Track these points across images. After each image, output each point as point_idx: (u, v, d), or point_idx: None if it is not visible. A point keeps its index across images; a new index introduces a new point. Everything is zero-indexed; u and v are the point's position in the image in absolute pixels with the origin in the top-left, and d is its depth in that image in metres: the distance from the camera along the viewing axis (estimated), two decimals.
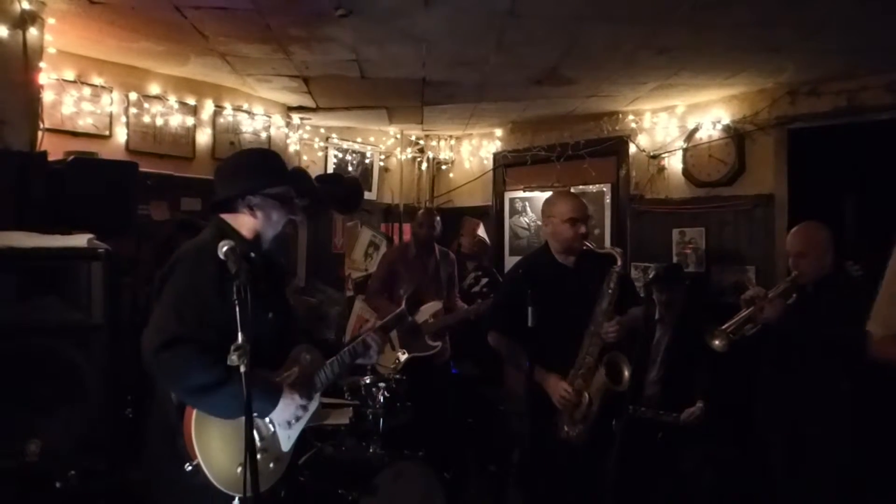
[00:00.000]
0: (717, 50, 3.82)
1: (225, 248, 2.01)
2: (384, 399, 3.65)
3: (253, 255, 2.25)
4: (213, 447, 2.06)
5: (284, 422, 2.20)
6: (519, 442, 4.49)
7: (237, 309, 1.91)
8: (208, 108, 4.77)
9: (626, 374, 3.03)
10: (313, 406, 2.27)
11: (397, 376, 3.75)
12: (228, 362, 1.89)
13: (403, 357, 3.66)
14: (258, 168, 2.32)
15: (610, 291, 3.05)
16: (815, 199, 4.37)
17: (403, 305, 2.92)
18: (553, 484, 3.12)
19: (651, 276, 4.64)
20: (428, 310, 4.75)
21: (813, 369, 3.20)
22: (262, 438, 2.16)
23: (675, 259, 5.08)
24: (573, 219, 3.12)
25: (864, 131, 4.34)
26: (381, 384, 3.65)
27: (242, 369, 1.89)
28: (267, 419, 2.18)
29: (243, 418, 1.89)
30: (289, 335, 2.36)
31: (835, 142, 4.43)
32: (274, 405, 2.15)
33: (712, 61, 4.03)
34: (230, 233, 2.23)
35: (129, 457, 2.65)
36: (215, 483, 2.04)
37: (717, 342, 3.20)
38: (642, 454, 3.77)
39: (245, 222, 2.28)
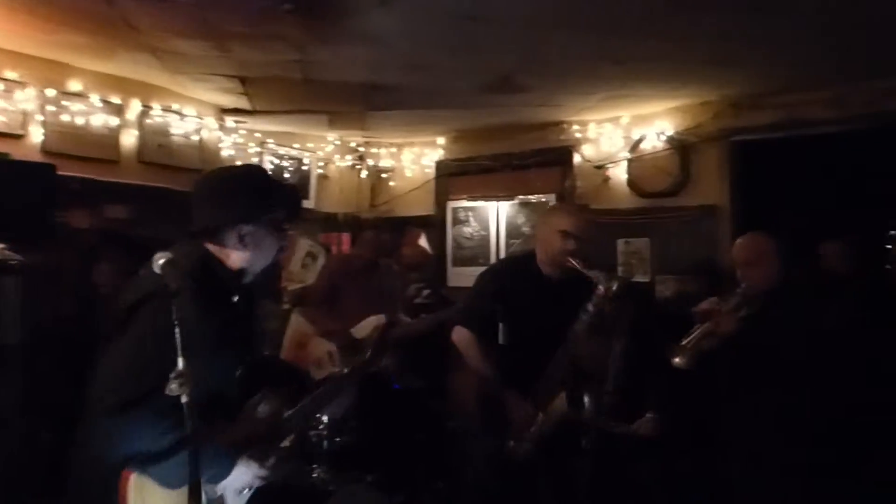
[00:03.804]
0: (670, 61, 3.81)
1: (162, 262, 1.68)
2: (328, 419, 3.44)
3: (235, 297, 1.97)
4: None
5: (236, 488, 1.93)
6: (472, 459, 4.35)
7: (177, 330, 1.67)
8: (135, 107, 4.45)
9: (587, 403, 2.92)
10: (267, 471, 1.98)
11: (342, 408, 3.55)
12: (167, 391, 1.63)
13: (340, 371, 3.45)
14: (252, 192, 1.97)
15: (589, 314, 2.92)
16: (758, 211, 4.42)
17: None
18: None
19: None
20: (370, 324, 4.57)
21: (768, 382, 3.19)
22: (208, 502, 1.88)
23: (619, 269, 5.06)
24: (565, 232, 2.98)
25: (805, 145, 4.42)
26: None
27: (184, 399, 1.64)
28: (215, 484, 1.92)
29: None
30: (251, 383, 2.09)
31: (777, 154, 4.50)
32: (227, 473, 1.88)
33: (664, 73, 4.04)
34: (216, 267, 1.93)
35: (52, 488, 2.35)
36: None
37: (678, 360, 3.14)
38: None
39: (232, 255, 1.95)
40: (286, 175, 5.84)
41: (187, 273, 1.71)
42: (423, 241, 5.63)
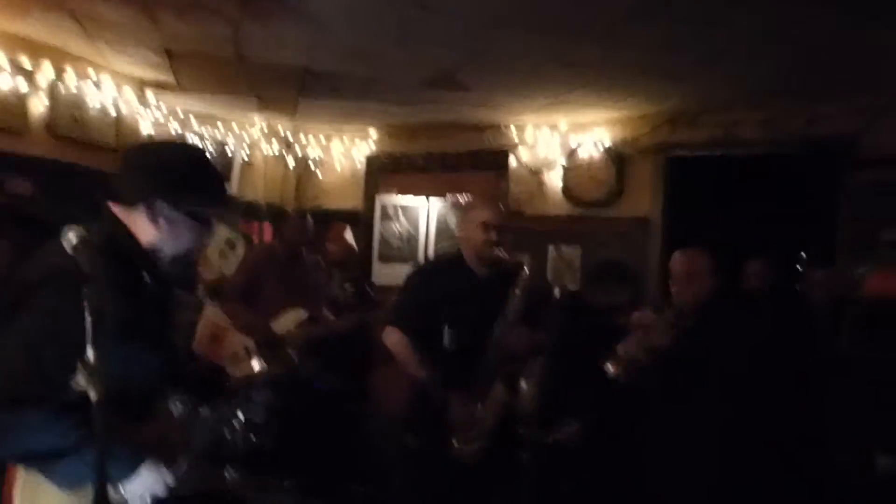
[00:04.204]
0: (615, 68, 3.80)
1: (75, 242, 1.47)
2: (245, 419, 3.23)
3: (146, 274, 1.78)
4: None
5: (139, 493, 1.72)
6: (401, 461, 4.23)
7: (88, 318, 1.46)
8: (47, 73, 4.08)
9: (524, 388, 2.88)
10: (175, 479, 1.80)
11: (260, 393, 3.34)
12: (73, 385, 1.43)
13: (258, 368, 3.25)
14: (187, 176, 1.79)
15: (516, 299, 2.90)
16: (688, 226, 4.48)
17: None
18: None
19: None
20: (290, 319, 4.37)
21: (695, 395, 3.21)
22: None
23: (549, 275, 5.05)
24: (486, 224, 2.97)
25: (738, 163, 4.52)
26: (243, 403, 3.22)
27: (92, 395, 1.44)
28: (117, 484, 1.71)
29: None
30: (165, 378, 1.90)
31: (709, 171, 4.59)
32: (131, 472, 1.68)
33: (608, 80, 4.02)
34: (124, 238, 1.74)
35: None
36: None
37: (612, 369, 3.13)
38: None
39: (141, 225, 1.76)
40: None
41: (99, 248, 1.50)
42: (348, 236, 5.46)
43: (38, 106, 4.07)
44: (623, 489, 3.52)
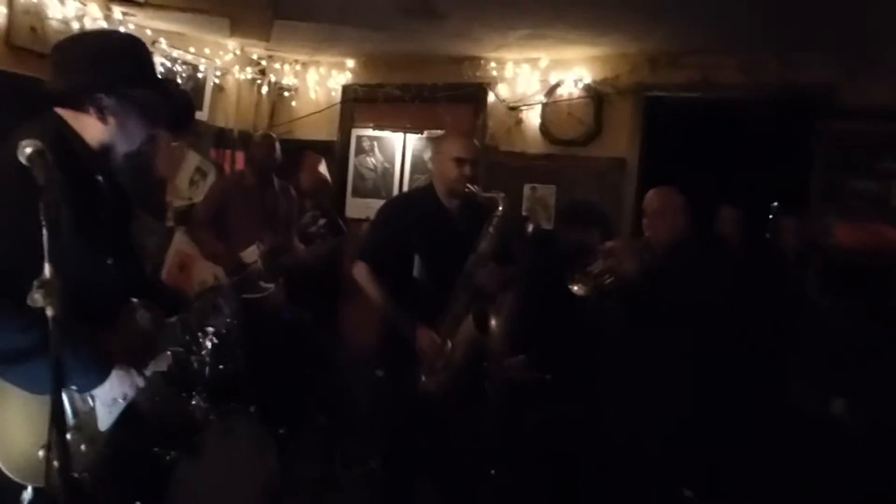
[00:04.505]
0: (598, 4, 3.69)
1: (29, 150, 1.42)
2: (212, 345, 3.21)
3: (99, 177, 1.75)
4: (10, 424, 1.60)
5: (110, 399, 1.74)
6: (367, 393, 4.27)
7: (46, 231, 1.42)
8: None
9: (493, 323, 2.88)
10: (145, 381, 1.81)
11: (228, 320, 3.31)
12: (30, 301, 1.40)
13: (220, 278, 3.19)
14: (120, 59, 1.74)
15: (489, 235, 2.89)
16: (665, 168, 4.47)
17: (257, 254, 2.49)
18: (410, 439, 2.95)
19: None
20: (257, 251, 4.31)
21: (659, 331, 3.26)
22: (75, 415, 1.70)
23: (524, 213, 5.02)
24: (459, 158, 2.93)
25: (717, 107, 4.49)
26: (210, 329, 3.19)
27: (50, 312, 1.41)
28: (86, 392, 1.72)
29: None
30: (129, 288, 1.87)
31: (688, 114, 4.55)
32: (100, 380, 1.69)
33: (591, 16, 3.92)
34: (69, 137, 1.70)
35: None
36: (4, 469, 1.58)
37: (577, 287, 3.16)
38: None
39: (90, 126, 1.73)
40: (179, 81, 5.35)
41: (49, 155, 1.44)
42: (322, 168, 5.36)
43: None
44: (586, 423, 3.60)
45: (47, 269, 1.40)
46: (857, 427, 3.42)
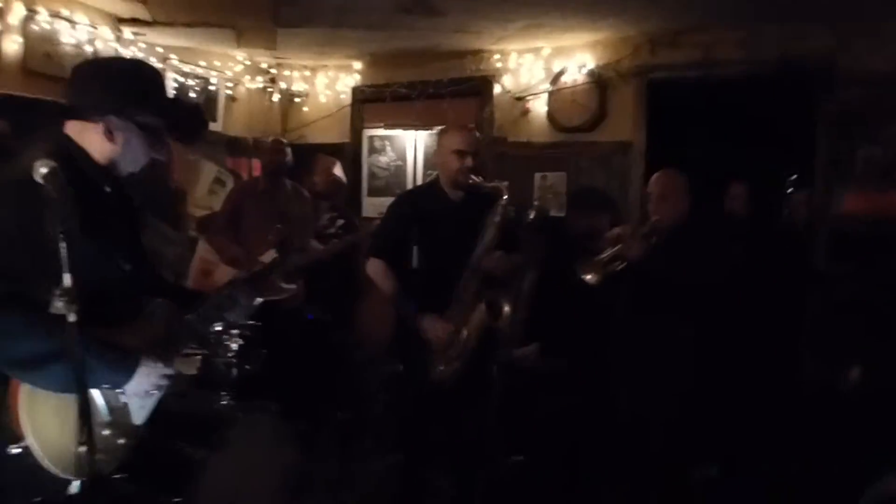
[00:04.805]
0: None
1: (44, 171, 1.52)
2: (238, 347, 3.34)
3: (108, 188, 1.88)
4: (48, 424, 1.69)
5: (142, 393, 1.83)
6: (384, 387, 4.37)
7: (63, 243, 1.53)
8: (18, 10, 4.04)
9: (506, 310, 2.95)
10: (173, 371, 1.90)
11: (251, 322, 3.43)
12: (52, 309, 1.51)
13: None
14: (132, 84, 1.87)
15: (494, 224, 2.95)
16: (670, 149, 4.49)
17: (274, 253, 2.58)
18: (426, 430, 3.03)
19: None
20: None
21: (663, 311, 3.30)
22: (110, 411, 1.79)
23: (536, 203, 5.07)
24: (460, 150, 3.01)
25: (718, 85, 4.49)
26: (235, 331, 3.31)
27: (72, 318, 1.52)
28: (118, 389, 1.82)
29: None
30: (146, 290, 1.99)
31: (691, 94, 4.57)
32: (129, 376, 1.78)
33: (589, 1, 3.95)
34: (75, 152, 1.82)
35: None
36: (49, 466, 1.68)
37: (589, 276, 3.23)
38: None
39: (97, 142, 1.85)
40: (192, 95, 5.50)
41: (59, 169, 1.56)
42: (337, 170, 5.46)
43: (11, 43, 4.04)
44: (596, 406, 3.65)
45: (66, 278, 1.52)
46: (869, 396, 3.43)
